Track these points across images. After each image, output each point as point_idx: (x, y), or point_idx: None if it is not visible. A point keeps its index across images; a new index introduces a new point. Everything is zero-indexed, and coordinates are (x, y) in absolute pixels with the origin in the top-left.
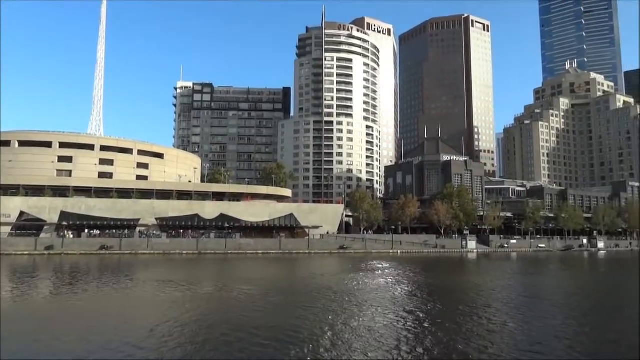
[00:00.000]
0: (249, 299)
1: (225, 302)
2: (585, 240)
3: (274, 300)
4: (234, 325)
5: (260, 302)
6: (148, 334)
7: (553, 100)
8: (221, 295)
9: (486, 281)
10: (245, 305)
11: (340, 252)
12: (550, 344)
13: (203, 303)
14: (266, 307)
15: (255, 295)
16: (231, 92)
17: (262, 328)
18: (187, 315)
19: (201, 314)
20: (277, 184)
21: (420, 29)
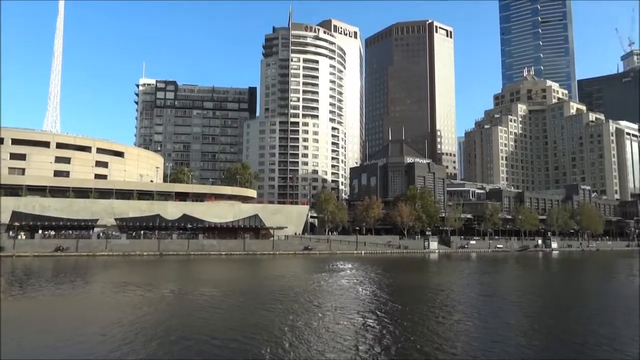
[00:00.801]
0: (209, 301)
1: (184, 304)
2: (540, 241)
3: (234, 302)
4: (192, 327)
5: (221, 303)
6: (100, 339)
7: (511, 106)
8: (180, 297)
9: (446, 281)
10: (204, 307)
11: (305, 253)
12: (504, 342)
13: (161, 305)
14: (226, 308)
15: (215, 297)
16: (196, 90)
17: (221, 330)
18: (143, 319)
19: (158, 316)
20: (242, 185)
21: (385, 33)
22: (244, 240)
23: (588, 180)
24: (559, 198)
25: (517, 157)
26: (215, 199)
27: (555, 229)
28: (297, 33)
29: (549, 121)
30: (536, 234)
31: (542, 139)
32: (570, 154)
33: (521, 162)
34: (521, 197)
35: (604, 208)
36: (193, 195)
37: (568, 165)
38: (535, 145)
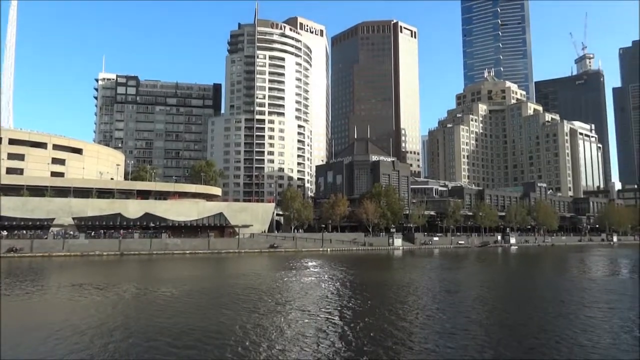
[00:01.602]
0: (170, 302)
1: (144, 305)
2: (499, 237)
3: (196, 302)
4: (151, 329)
5: (182, 304)
6: (52, 344)
7: (473, 106)
8: (140, 298)
9: (409, 277)
10: (165, 308)
11: (270, 251)
12: (462, 335)
13: (119, 307)
14: (188, 309)
15: (177, 297)
16: (158, 86)
17: (181, 331)
18: (99, 321)
19: (116, 319)
20: (206, 182)
21: (351, 32)
22: (209, 238)
23: (544, 178)
24: (517, 195)
25: (478, 156)
26: (179, 197)
27: (514, 225)
28: (263, 30)
29: (508, 121)
30: (496, 230)
31: (501, 138)
32: (527, 152)
33: (482, 161)
34: (482, 195)
35: (558, 205)
36: (156, 194)
37: (526, 163)
38: (495, 144)
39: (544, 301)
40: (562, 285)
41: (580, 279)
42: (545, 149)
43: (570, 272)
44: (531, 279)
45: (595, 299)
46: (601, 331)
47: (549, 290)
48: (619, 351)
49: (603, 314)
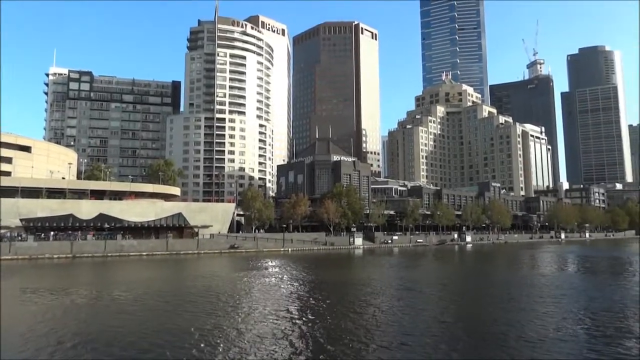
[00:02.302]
0: (124, 306)
1: (96, 310)
2: (455, 235)
3: (151, 306)
4: (103, 335)
5: (137, 308)
6: None
7: (431, 108)
8: (91, 302)
9: (368, 276)
10: (119, 312)
11: (231, 252)
12: (419, 332)
13: (70, 313)
14: (142, 313)
15: (131, 301)
16: (114, 82)
17: (135, 336)
18: (46, 329)
19: (65, 325)
20: (164, 182)
21: (313, 32)
22: (167, 239)
23: (498, 178)
24: (472, 195)
25: (436, 156)
26: (136, 197)
27: (470, 223)
28: (224, 27)
29: (464, 123)
30: (453, 228)
31: (458, 139)
32: (482, 153)
33: (440, 161)
34: (439, 194)
35: (511, 204)
36: (111, 193)
37: (481, 164)
38: (452, 145)
39: (496, 297)
40: (513, 282)
41: (530, 275)
42: (499, 150)
43: (521, 269)
44: (485, 276)
45: (543, 294)
46: (547, 324)
47: (502, 286)
48: (561, 342)
49: (550, 308)
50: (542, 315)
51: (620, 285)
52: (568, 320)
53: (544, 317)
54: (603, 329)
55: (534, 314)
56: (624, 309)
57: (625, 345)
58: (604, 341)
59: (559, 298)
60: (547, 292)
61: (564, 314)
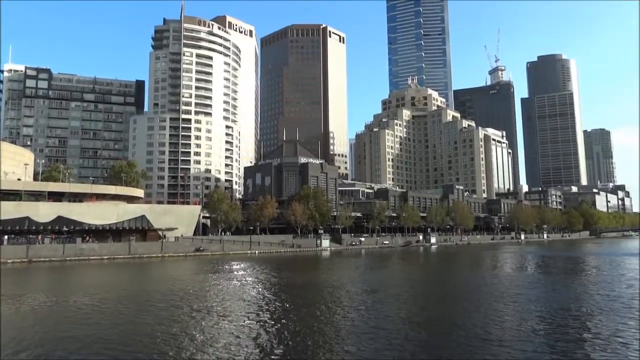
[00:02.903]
0: (81, 311)
1: (52, 316)
2: (421, 237)
3: (109, 311)
4: (58, 342)
5: (94, 313)
6: None
7: (397, 111)
8: (47, 309)
9: (335, 278)
10: (76, 318)
11: (196, 255)
12: (383, 333)
13: (25, 320)
14: (100, 318)
15: (89, 306)
16: (74, 80)
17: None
18: None
19: (18, 333)
20: (127, 184)
21: (281, 34)
22: (129, 242)
23: (461, 180)
24: (437, 197)
25: (402, 159)
26: (97, 199)
27: (434, 225)
28: (190, 27)
29: (430, 126)
30: (418, 230)
31: (423, 143)
32: (447, 156)
33: (405, 164)
34: (405, 196)
35: (474, 206)
36: (70, 195)
37: (445, 167)
38: (418, 148)
39: (459, 298)
40: (476, 282)
41: (492, 275)
42: (463, 154)
43: (484, 269)
44: (449, 277)
45: (503, 294)
46: (508, 323)
47: (464, 287)
48: (520, 342)
49: (510, 308)
50: (502, 314)
51: (575, 285)
52: (526, 320)
53: (503, 317)
54: (560, 327)
55: (495, 313)
56: (579, 307)
57: (581, 343)
58: (561, 339)
59: (517, 297)
60: (507, 292)
61: (523, 314)
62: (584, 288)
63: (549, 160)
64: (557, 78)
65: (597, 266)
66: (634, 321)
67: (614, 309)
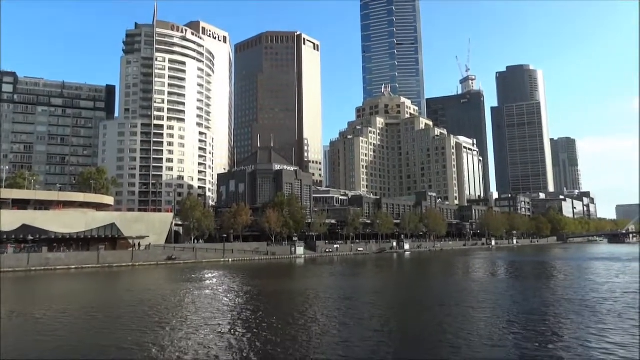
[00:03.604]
0: (40, 323)
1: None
2: (394, 243)
3: (72, 322)
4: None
5: (57, 326)
6: None
7: (371, 119)
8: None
9: (308, 285)
10: (37, 331)
11: (168, 263)
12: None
13: None
14: (63, 331)
15: (52, 318)
16: (41, 84)
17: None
18: None
19: None
20: (96, 191)
21: (256, 41)
22: (98, 252)
23: (434, 187)
24: (410, 204)
25: (376, 166)
26: (64, 207)
27: (408, 231)
28: (163, 32)
29: (403, 134)
30: (392, 236)
31: (397, 150)
32: (420, 164)
33: (379, 171)
34: (379, 203)
35: (446, 212)
36: (36, 203)
37: (418, 174)
38: (391, 156)
39: (432, 304)
40: (448, 289)
41: (464, 281)
42: (435, 161)
43: (456, 275)
44: (422, 283)
45: (476, 300)
46: (478, 329)
47: (437, 293)
48: (491, 347)
49: (482, 313)
50: (474, 319)
51: (544, 289)
52: (497, 325)
53: (475, 322)
54: (529, 332)
55: (467, 318)
56: (546, 311)
57: (549, 347)
58: (530, 344)
59: (489, 303)
60: (479, 297)
61: (493, 319)
62: (552, 293)
63: (518, 167)
64: (525, 88)
65: (564, 271)
66: (600, 324)
67: (579, 313)
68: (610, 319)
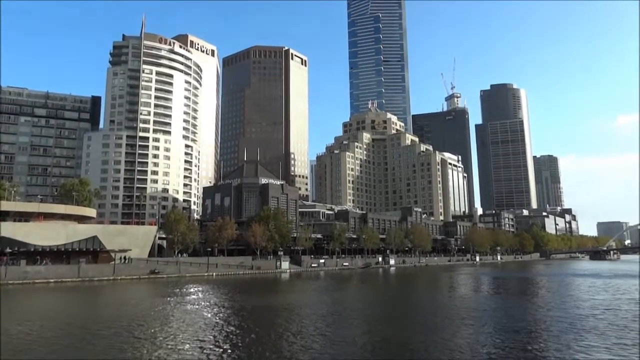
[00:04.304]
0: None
1: None
2: (380, 258)
3: (49, 339)
4: None
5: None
6: None
7: (358, 134)
8: None
9: (292, 300)
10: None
11: (151, 277)
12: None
13: None
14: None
15: (23, 334)
16: (24, 94)
17: None
18: None
19: None
20: (78, 203)
21: (243, 55)
22: (79, 265)
23: (419, 203)
24: (396, 219)
25: (362, 181)
26: (45, 219)
27: (393, 246)
28: (151, 44)
29: (389, 149)
30: (377, 251)
31: (382, 165)
32: (405, 179)
33: (365, 186)
34: (365, 218)
35: (431, 228)
36: (15, 214)
37: (404, 189)
38: (377, 171)
39: (416, 320)
40: (433, 304)
41: (449, 297)
42: (421, 177)
43: (441, 291)
44: (407, 299)
45: (460, 315)
46: (462, 346)
47: (422, 309)
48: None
49: (466, 330)
50: (457, 336)
51: (529, 306)
52: (480, 342)
53: (459, 338)
54: (514, 350)
55: (451, 335)
56: (530, 328)
57: None
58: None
59: (473, 319)
60: (463, 314)
61: (477, 335)
62: (535, 309)
63: (502, 184)
64: (508, 106)
65: (547, 287)
66: (581, 341)
67: (562, 329)
68: (593, 337)
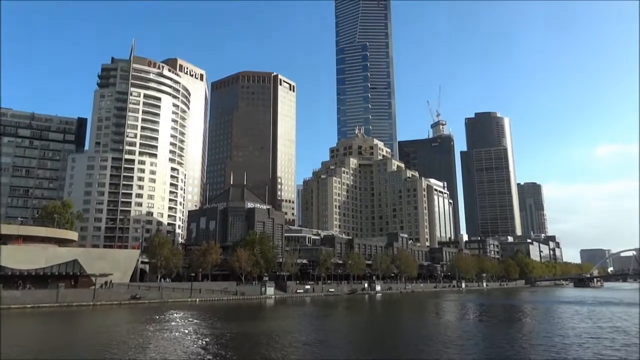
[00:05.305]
0: None
1: None
2: (366, 284)
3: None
4: None
5: None
6: None
7: (345, 159)
8: None
9: (275, 327)
10: None
11: (131, 303)
12: None
13: None
14: None
15: None
16: (9, 115)
17: None
18: None
19: None
20: (60, 225)
21: (232, 79)
22: (58, 289)
23: (405, 228)
24: (382, 244)
25: (348, 206)
26: (24, 242)
27: (380, 272)
28: (139, 67)
29: (375, 175)
30: (363, 277)
31: (369, 191)
32: (391, 205)
33: (352, 211)
34: (351, 244)
35: (417, 254)
36: None
37: (390, 215)
38: (364, 196)
39: (402, 347)
40: (420, 332)
41: (436, 324)
42: (407, 202)
43: (427, 318)
44: (392, 327)
45: (445, 344)
46: None
47: (408, 336)
48: None
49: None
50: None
51: (514, 334)
52: None
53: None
54: None
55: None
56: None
57: None
58: None
59: (458, 347)
60: (448, 342)
61: None
62: (520, 337)
63: (487, 210)
64: (492, 134)
65: (532, 315)
66: None
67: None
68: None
